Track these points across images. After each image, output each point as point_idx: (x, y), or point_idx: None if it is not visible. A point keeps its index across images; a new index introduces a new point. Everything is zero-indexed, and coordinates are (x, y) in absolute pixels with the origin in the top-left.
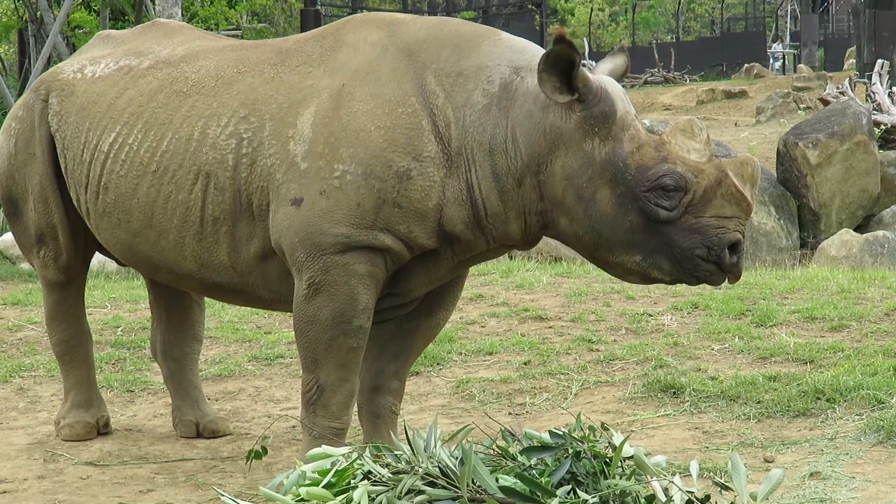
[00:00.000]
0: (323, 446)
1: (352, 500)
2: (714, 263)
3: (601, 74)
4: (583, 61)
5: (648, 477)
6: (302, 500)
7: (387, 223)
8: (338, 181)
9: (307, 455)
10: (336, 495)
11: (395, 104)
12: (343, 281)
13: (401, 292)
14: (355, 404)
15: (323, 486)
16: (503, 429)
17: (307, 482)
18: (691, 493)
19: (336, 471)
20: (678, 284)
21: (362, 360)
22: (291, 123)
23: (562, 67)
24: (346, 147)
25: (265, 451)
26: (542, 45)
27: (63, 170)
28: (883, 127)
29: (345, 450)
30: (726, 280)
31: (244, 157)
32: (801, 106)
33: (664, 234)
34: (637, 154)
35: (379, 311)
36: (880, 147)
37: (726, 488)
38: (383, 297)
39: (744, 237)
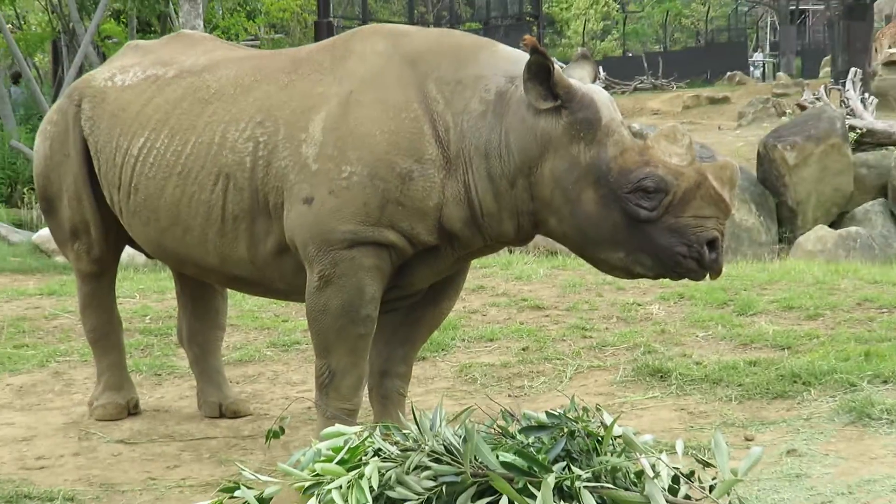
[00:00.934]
0: (336, 425)
1: (363, 475)
2: (695, 260)
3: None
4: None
5: (637, 454)
6: (317, 475)
7: (391, 221)
8: (345, 182)
9: (321, 434)
10: (348, 471)
11: (398, 110)
12: (351, 273)
13: (405, 285)
14: (365, 387)
15: (336, 463)
16: (503, 410)
17: (322, 459)
18: (677, 469)
19: (349, 448)
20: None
21: (372, 346)
22: (304, 128)
23: (542, 75)
24: (354, 150)
25: (283, 430)
26: None
27: (97, 171)
28: (857, 131)
29: (356, 429)
30: (707, 276)
31: (260, 159)
32: (780, 111)
33: (646, 232)
34: (620, 158)
35: (386, 301)
36: (853, 149)
37: (710, 465)
38: (390, 290)
39: (722, 236)
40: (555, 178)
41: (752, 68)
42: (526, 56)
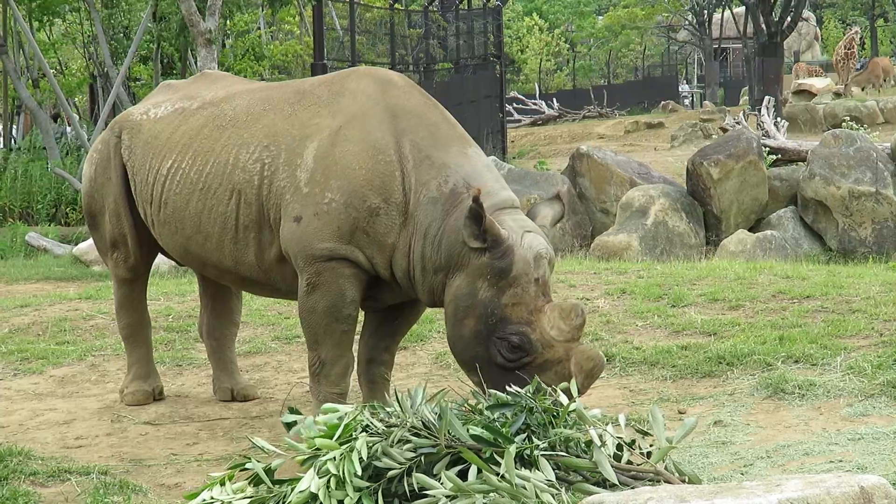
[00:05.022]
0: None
1: (353, 448)
2: None
3: (532, 234)
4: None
5: (587, 426)
6: (316, 448)
7: (358, 245)
8: (326, 206)
9: (322, 408)
10: (341, 445)
11: (377, 151)
12: (333, 281)
13: (379, 299)
14: (353, 373)
15: (331, 438)
16: (472, 391)
17: (321, 434)
18: (620, 438)
19: (343, 425)
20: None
21: (360, 338)
22: (300, 154)
23: (478, 221)
24: (336, 179)
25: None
26: (501, 90)
27: (133, 191)
28: (771, 153)
29: (350, 408)
30: None
31: (265, 178)
32: (706, 133)
33: (496, 371)
34: (510, 308)
35: (366, 306)
36: (768, 165)
37: (648, 434)
38: (367, 299)
39: None
40: (455, 294)
41: (682, 98)
42: (487, 173)
